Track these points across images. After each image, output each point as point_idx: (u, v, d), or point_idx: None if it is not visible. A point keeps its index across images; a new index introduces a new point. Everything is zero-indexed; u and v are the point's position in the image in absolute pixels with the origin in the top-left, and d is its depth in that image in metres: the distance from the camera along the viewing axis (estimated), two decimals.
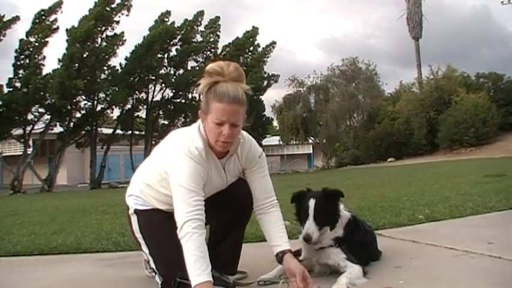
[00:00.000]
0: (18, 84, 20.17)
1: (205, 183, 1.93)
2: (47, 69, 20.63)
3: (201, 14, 24.73)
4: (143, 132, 24.63)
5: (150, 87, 23.90)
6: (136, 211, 2.09)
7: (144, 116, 24.66)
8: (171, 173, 1.88)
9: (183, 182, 1.82)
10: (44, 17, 20.58)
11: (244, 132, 2.08)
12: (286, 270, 1.95)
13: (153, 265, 2.02)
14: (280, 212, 2.12)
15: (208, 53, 24.23)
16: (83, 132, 22.60)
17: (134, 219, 2.09)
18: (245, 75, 1.97)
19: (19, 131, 21.17)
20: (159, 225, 2.00)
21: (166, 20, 23.54)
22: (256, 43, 26.63)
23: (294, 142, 33.31)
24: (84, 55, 20.13)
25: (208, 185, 1.98)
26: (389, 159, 24.04)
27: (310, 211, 2.02)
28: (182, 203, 1.80)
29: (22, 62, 20.38)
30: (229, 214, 2.07)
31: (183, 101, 24.61)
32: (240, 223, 2.12)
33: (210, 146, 1.95)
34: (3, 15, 19.81)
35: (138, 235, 2.07)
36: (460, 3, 72.06)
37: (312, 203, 2.03)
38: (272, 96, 65.37)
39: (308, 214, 2.02)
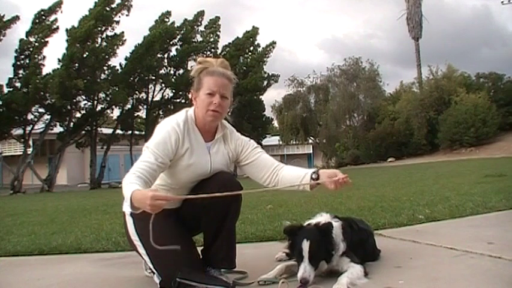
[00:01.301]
0: (18, 84, 20.16)
1: (184, 154, 2.02)
2: (47, 69, 20.71)
3: (201, 14, 24.74)
4: (143, 132, 24.61)
5: (150, 87, 23.90)
6: (131, 214, 2.08)
7: (144, 116, 24.67)
8: None
9: (149, 144, 2.00)
10: (44, 17, 20.57)
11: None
12: (327, 179, 2.01)
13: (150, 265, 2.03)
14: None
15: (208, 53, 24.19)
16: (83, 132, 22.57)
17: (130, 222, 2.10)
18: (245, 76, 2.06)
19: (19, 131, 21.15)
20: (155, 224, 2.01)
21: (167, 20, 23.54)
22: (256, 43, 26.63)
23: (294, 142, 33.32)
24: (84, 55, 20.09)
25: (189, 156, 2.03)
26: (389, 159, 24.03)
27: (304, 253, 1.95)
28: (139, 161, 1.94)
29: (22, 62, 20.37)
30: (218, 206, 2.02)
31: (183, 101, 24.59)
32: (230, 214, 2.08)
33: (199, 126, 2.10)
34: (3, 15, 19.82)
35: (134, 237, 2.08)
36: (460, 3, 72.14)
37: (306, 245, 1.95)
38: (273, 96, 65.44)
39: (303, 256, 1.95)
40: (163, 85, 24.03)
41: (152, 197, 1.67)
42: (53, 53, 37.57)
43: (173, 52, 24.15)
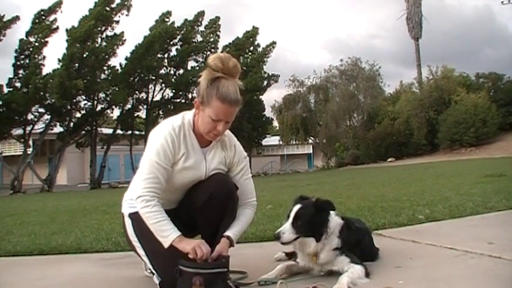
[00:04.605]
0: (18, 84, 20.18)
1: (180, 158, 1.99)
2: (47, 69, 20.68)
3: (201, 14, 24.76)
4: (143, 132, 24.61)
5: (150, 87, 23.91)
6: (130, 215, 2.09)
7: (144, 116, 24.67)
8: (145, 149, 2.00)
9: (150, 156, 1.95)
10: (43, 17, 20.59)
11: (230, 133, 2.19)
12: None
13: (150, 265, 2.03)
14: (253, 213, 2.18)
15: (208, 53, 24.21)
16: (83, 132, 22.60)
17: (128, 224, 2.10)
18: (245, 76, 2.00)
19: (19, 131, 21.16)
20: None
21: (167, 20, 23.56)
22: (256, 43, 26.66)
23: (294, 142, 33.33)
24: (84, 55, 20.11)
25: (185, 162, 2.00)
26: (389, 159, 24.04)
27: (291, 214, 2.00)
28: (143, 177, 1.94)
29: (22, 62, 20.39)
30: (214, 206, 2.02)
31: (183, 101, 24.61)
32: (227, 214, 2.07)
33: (196, 132, 2.05)
34: (4, 15, 19.82)
35: (133, 238, 2.08)
36: (461, 3, 72.00)
37: (295, 208, 2.00)
38: (275, 97, 65.35)
39: (288, 217, 2.00)
40: (163, 85, 24.05)
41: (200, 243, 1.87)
42: (53, 53, 37.54)
43: (173, 52, 24.21)
